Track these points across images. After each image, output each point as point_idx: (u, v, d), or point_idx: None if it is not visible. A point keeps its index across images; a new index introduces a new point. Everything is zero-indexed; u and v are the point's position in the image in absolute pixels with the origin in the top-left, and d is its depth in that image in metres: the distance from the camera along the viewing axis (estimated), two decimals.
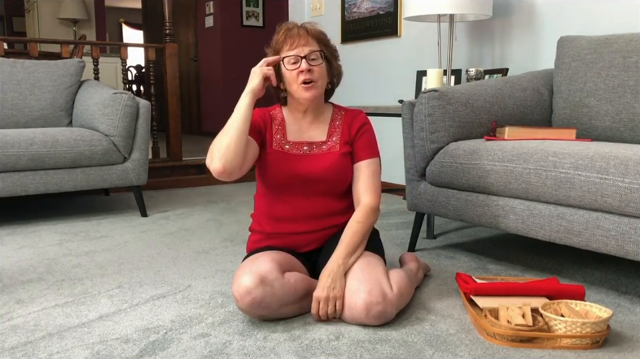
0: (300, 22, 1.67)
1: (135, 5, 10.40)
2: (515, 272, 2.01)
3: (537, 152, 1.76)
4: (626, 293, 1.78)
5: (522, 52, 2.87)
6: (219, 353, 1.35)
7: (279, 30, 1.65)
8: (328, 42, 1.68)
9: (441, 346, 1.38)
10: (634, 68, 2.06)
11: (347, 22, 3.97)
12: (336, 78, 1.73)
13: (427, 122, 2.08)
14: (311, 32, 1.63)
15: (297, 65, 1.59)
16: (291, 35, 1.61)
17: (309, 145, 1.68)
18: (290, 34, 1.61)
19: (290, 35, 1.61)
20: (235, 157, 1.51)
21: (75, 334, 1.46)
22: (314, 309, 1.51)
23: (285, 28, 1.64)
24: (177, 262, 2.13)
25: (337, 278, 1.51)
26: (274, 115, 1.72)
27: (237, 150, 1.51)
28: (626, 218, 1.55)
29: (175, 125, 4.15)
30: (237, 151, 1.51)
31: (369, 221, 1.63)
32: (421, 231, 2.53)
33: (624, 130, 2.08)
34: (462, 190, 2.01)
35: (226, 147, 1.50)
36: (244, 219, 2.91)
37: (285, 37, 1.61)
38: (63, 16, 7.17)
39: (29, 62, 3.24)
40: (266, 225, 1.69)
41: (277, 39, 1.64)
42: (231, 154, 1.50)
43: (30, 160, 2.66)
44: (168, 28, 4.06)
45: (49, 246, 2.39)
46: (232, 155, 1.50)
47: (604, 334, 1.37)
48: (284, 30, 1.63)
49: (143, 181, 2.99)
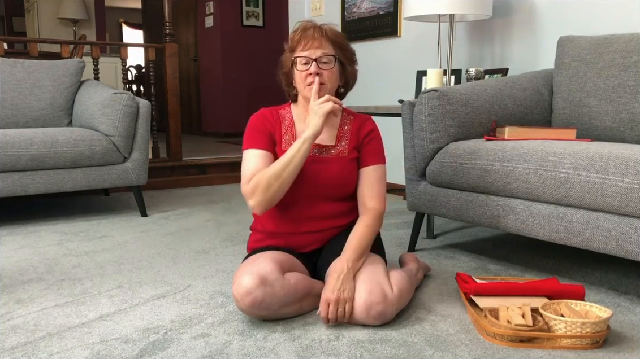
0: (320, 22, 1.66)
1: (135, 5, 10.40)
2: (515, 272, 2.01)
3: (537, 152, 1.76)
4: (626, 293, 1.78)
5: (522, 52, 2.87)
6: (219, 353, 1.35)
7: (297, 28, 1.64)
8: (345, 46, 1.66)
9: (441, 346, 1.38)
10: (634, 68, 2.06)
11: (347, 22, 3.97)
12: (351, 82, 1.72)
13: (427, 122, 2.08)
14: (327, 34, 1.62)
15: (307, 67, 1.59)
16: (306, 36, 1.60)
17: (318, 148, 1.67)
18: (305, 34, 1.60)
19: (305, 35, 1.60)
20: (275, 199, 1.55)
21: (75, 334, 1.46)
22: (323, 312, 1.48)
23: (303, 27, 1.63)
24: (177, 262, 2.13)
25: (347, 279, 1.50)
26: (282, 115, 1.71)
27: (282, 193, 1.55)
28: (626, 218, 1.55)
29: (175, 125, 4.15)
30: (281, 194, 1.55)
31: (376, 226, 1.63)
32: (421, 231, 2.53)
33: (624, 130, 2.08)
34: (462, 190, 2.01)
35: (274, 193, 1.53)
36: (244, 219, 2.91)
37: (300, 36, 1.61)
38: (63, 16, 7.17)
39: (29, 62, 3.24)
40: (268, 225, 1.69)
41: (293, 36, 1.63)
42: (275, 200, 1.55)
43: (30, 160, 2.66)
44: (168, 28, 4.06)
45: (49, 246, 2.39)
46: (277, 199, 1.55)
47: (604, 334, 1.37)
48: (301, 29, 1.63)
49: (143, 181, 2.99)
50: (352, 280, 1.50)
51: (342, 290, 1.48)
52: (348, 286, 1.49)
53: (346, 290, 1.48)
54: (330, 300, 1.47)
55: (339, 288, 1.48)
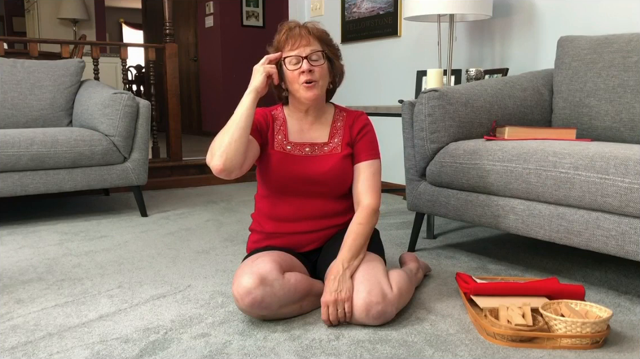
0: (303, 21, 1.67)
1: (135, 5, 10.41)
2: (515, 272, 2.01)
3: (537, 152, 1.76)
4: (626, 293, 1.78)
5: (522, 52, 2.87)
6: (219, 353, 1.35)
7: (281, 29, 1.64)
8: (330, 42, 1.67)
9: (441, 346, 1.38)
10: (634, 68, 2.06)
11: (347, 22, 3.97)
12: (338, 77, 1.72)
13: (427, 122, 2.08)
14: (313, 31, 1.62)
15: (298, 66, 1.59)
16: (293, 35, 1.60)
17: (310, 147, 1.68)
18: (292, 33, 1.60)
19: (292, 35, 1.60)
20: (235, 155, 1.50)
21: (75, 334, 1.46)
22: (324, 315, 1.49)
23: (287, 27, 1.63)
24: (177, 262, 2.13)
25: (344, 280, 1.50)
26: (275, 115, 1.72)
27: (238, 148, 1.50)
28: (626, 218, 1.55)
29: (175, 125, 4.14)
30: (238, 149, 1.50)
31: (371, 222, 1.62)
32: (421, 231, 2.53)
33: (624, 130, 2.08)
34: (462, 190, 2.01)
35: (227, 145, 1.50)
36: (244, 219, 2.91)
37: (287, 36, 1.61)
38: (63, 16, 7.17)
39: (29, 62, 3.24)
40: (266, 225, 1.69)
41: (278, 38, 1.63)
42: (232, 152, 1.50)
43: (30, 160, 2.66)
44: (168, 28, 4.06)
45: (49, 246, 2.39)
46: (233, 153, 1.50)
47: (604, 334, 1.37)
48: (285, 29, 1.63)
49: (143, 181, 2.99)
50: (349, 279, 1.51)
51: (339, 291, 1.48)
52: (345, 286, 1.49)
53: (343, 291, 1.48)
54: (328, 302, 1.48)
55: (336, 289, 1.48)
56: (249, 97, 1.56)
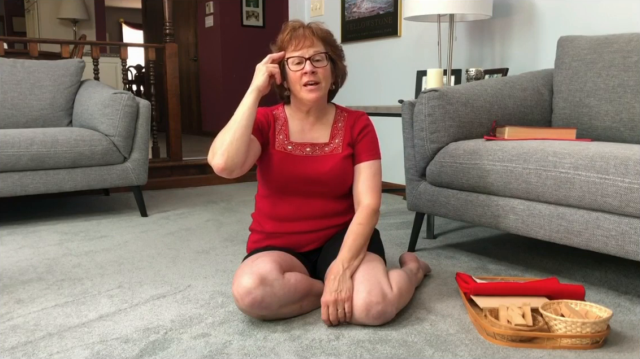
0: (307, 22, 1.66)
1: (135, 5, 10.41)
2: (515, 272, 2.01)
3: (537, 152, 1.76)
4: (626, 293, 1.78)
5: (522, 52, 2.87)
6: (219, 353, 1.35)
7: (285, 29, 1.63)
8: (334, 43, 1.66)
9: (441, 346, 1.38)
10: (634, 68, 2.06)
11: (347, 22, 3.97)
12: (341, 78, 1.72)
13: (427, 122, 2.08)
14: (317, 32, 1.61)
15: (301, 66, 1.58)
16: (296, 36, 1.59)
17: (311, 147, 1.68)
18: (295, 34, 1.60)
19: (295, 35, 1.59)
20: (237, 154, 1.50)
21: (75, 334, 1.46)
22: (324, 315, 1.49)
23: (291, 27, 1.62)
24: (177, 262, 2.13)
25: (344, 280, 1.50)
26: (276, 115, 1.71)
27: (240, 147, 1.50)
28: (626, 218, 1.55)
29: (175, 125, 4.14)
30: (240, 148, 1.50)
31: (371, 223, 1.62)
32: (421, 231, 2.53)
33: (624, 130, 2.08)
34: (462, 190, 2.01)
35: (229, 144, 1.50)
36: (244, 219, 2.91)
37: (290, 37, 1.60)
38: (63, 16, 7.17)
39: (29, 62, 3.24)
40: (267, 225, 1.69)
41: (282, 38, 1.62)
42: (233, 151, 1.49)
43: (30, 160, 2.66)
44: (168, 28, 4.06)
45: (49, 246, 2.39)
46: (235, 152, 1.49)
47: (604, 334, 1.37)
48: (289, 29, 1.62)
49: (143, 181, 2.99)
50: (348, 279, 1.51)
51: (339, 291, 1.48)
52: (345, 286, 1.49)
53: (343, 291, 1.48)
54: (328, 302, 1.48)
55: (336, 289, 1.48)
56: (251, 96, 1.55)
